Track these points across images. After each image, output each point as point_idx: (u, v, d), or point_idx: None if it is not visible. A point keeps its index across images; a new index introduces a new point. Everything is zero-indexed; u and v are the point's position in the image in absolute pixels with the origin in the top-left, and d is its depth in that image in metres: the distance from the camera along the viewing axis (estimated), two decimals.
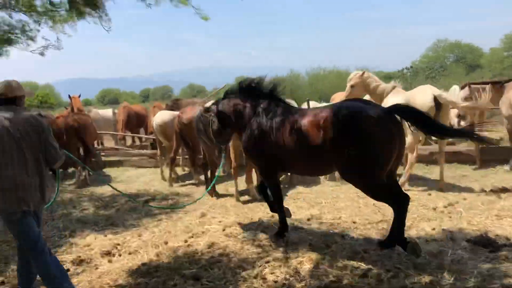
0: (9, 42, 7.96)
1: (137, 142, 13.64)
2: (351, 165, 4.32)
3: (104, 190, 8.49)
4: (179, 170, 10.29)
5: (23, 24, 8.16)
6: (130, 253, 4.98)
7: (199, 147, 8.98)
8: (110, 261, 4.78)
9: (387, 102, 7.68)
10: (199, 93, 68.54)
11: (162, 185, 8.98)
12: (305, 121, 4.63)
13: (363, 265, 4.27)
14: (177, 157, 9.37)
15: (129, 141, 13.92)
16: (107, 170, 10.85)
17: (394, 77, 23.18)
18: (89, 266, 4.69)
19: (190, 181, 9.17)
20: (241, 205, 6.88)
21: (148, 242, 5.28)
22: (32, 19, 8.30)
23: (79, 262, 4.79)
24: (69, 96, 11.46)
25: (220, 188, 8.08)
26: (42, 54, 8.36)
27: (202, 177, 8.33)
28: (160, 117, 9.28)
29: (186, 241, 5.25)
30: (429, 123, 4.35)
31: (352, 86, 7.78)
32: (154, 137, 11.04)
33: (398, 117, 4.36)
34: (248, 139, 5.12)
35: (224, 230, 5.60)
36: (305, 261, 4.45)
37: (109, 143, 13.68)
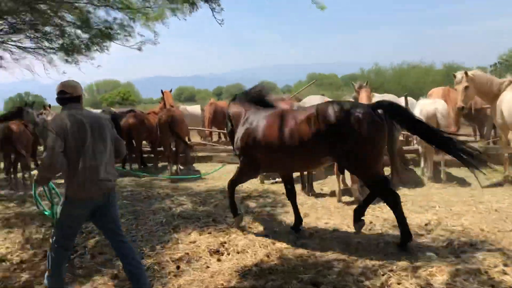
0: (110, 37, 8.16)
1: (223, 138, 13.66)
2: None
3: (200, 185, 8.48)
4: None
5: (122, 20, 8.34)
6: (238, 252, 4.78)
7: None
8: (219, 260, 4.61)
9: (504, 99, 6.95)
10: (271, 90, 68.71)
11: (251, 182, 8.79)
12: None
13: (507, 280, 3.73)
14: None
15: (215, 137, 13.98)
16: (196, 166, 10.91)
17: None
18: (199, 264, 4.53)
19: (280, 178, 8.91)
20: (344, 206, 6.49)
21: (255, 242, 5.05)
22: (128, 16, 8.46)
23: (188, 260, 4.66)
24: (162, 92, 11.64)
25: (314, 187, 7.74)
26: (139, 49, 8.53)
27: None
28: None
29: (295, 243, 4.96)
30: (414, 124, 4.54)
31: (466, 88, 7.17)
32: None
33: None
34: None
35: (333, 232, 5.24)
36: (435, 271, 3.98)
37: (195, 139, 13.82)
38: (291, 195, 5.65)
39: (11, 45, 8.38)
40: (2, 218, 6.58)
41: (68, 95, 3.68)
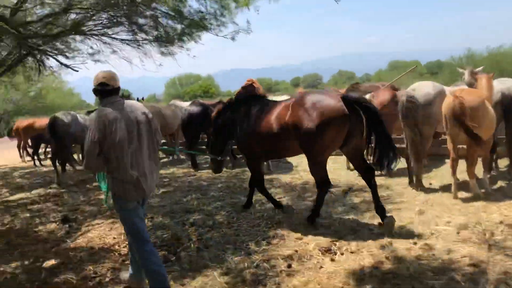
0: (204, 27, 8.07)
1: None
2: None
3: (294, 177, 8.19)
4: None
5: (215, 9, 8.19)
6: (352, 252, 4.38)
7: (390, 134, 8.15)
8: (333, 260, 4.24)
9: None
10: (350, 80, 66.90)
11: (349, 175, 8.32)
12: None
13: None
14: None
15: None
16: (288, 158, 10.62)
17: None
18: (311, 263, 4.21)
19: (378, 171, 8.31)
20: (462, 203, 5.82)
21: (369, 241, 4.63)
22: (220, 3, 8.29)
23: (298, 258, 4.35)
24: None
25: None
26: (233, 38, 8.37)
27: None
28: None
29: (415, 243, 4.46)
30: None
31: None
32: None
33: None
34: None
35: (458, 233, 4.66)
36: None
37: None
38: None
39: (109, 38, 8.60)
40: (106, 208, 6.74)
41: (110, 87, 3.48)
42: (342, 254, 4.36)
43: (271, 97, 7.00)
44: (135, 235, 3.60)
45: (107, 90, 3.47)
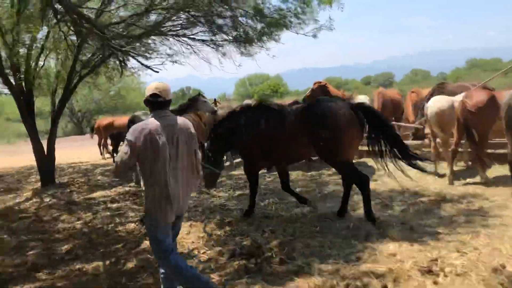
0: (285, 26, 7.79)
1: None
2: None
3: (378, 183, 7.67)
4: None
5: (296, 8, 7.88)
6: (458, 275, 3.85)
7: (486, 139, 7.39)
8: (435, 283, 3.75)
9: None
10: (425, 79, 63.71)
11: (437, 182, 7.63)
12: None
13: None
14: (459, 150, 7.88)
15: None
16: (367, 161, 10.05)
17: None
18: (411, 286, 3.75)
19: (473, 179, 7.56)
20: None
21: (477, 263, 4.05)
22: (301, 1, 7.95)
23: (395, 278, 3.89)
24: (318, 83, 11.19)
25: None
26: (314, 36, 8.01)
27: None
28: (437, 104, 7.88)
29: None
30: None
31: None
32: (419, 126, 9.76)
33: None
34: None
35: None
36: None
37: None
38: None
39: (189, 38, 8.58)
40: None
41: (161, 99, 3.38)
42: (446, 276, 3.85)
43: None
44: (161, 254, 3.47)
45: (158, 101, 3.39)
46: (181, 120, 3.55)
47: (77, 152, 18.40)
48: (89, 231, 6.29)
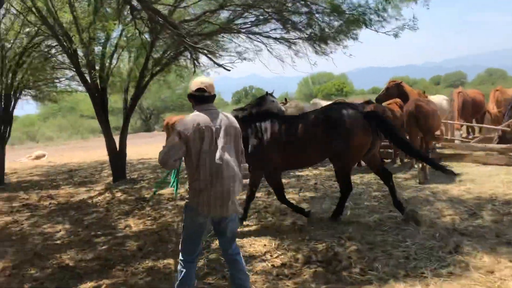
0: (364, 23, 7.37)
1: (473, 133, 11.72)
2: None
3: (459, 188, 7.08)
4: None
5: (377, 4, 7.43)
6: None
7: None
8: None
9: None
10: (502, 79, 59.62)
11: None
12: None
13: None
14: None
15: (463, 132, 12.13)
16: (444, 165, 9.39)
17: None
18: None
19: None
20: None
21: None
22: None
23: None
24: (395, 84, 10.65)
25: None
26: (396, 35, 7.54)
27: None
28: None
29: None
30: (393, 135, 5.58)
31: None
32: (506, 129, 8.97)
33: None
34: None
35: None
36: None
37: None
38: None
39: (261, 36, 8.39)
40: (252, 211, 6.49)
41: (207, 93, 3.39)
42: None
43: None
44: (187, 251, 3.45)
45: (204, 96, 3.39)
46: (227, 115, 3.54)
47: (145, 148, 18.92)
48: (158, 228, 6.29)
